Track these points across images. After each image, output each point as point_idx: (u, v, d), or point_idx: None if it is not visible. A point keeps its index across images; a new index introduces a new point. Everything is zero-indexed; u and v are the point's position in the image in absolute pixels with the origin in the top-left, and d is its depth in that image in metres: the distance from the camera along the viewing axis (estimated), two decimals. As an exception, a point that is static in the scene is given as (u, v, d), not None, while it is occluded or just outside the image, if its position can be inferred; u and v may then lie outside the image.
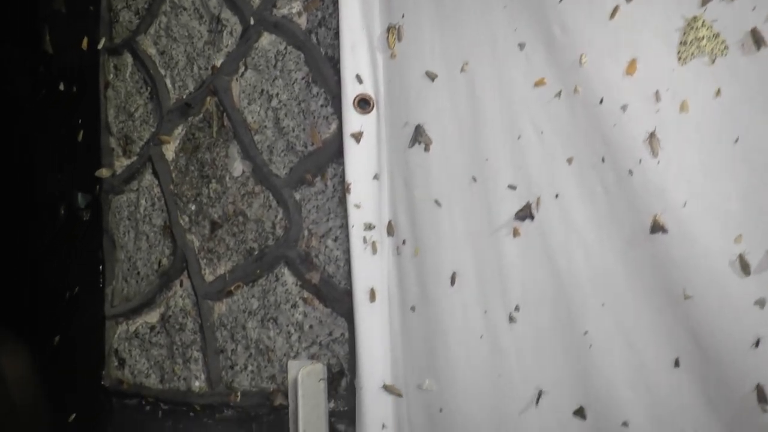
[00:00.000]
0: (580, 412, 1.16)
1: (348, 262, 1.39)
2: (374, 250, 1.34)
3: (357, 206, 1.34)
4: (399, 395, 1.32)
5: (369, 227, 1.35)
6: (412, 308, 1.30)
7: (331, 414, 1.42)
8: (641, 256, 1.11)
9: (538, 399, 1.19)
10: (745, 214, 1.03)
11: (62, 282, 1.83)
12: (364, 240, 1.34)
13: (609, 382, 1.14)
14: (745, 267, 1.03)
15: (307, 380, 1.36)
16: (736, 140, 1.05)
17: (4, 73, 1.97)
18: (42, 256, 1.88)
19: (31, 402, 1.69)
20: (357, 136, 1.36)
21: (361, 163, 1.35)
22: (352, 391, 1.39)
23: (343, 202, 1.40)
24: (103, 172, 1.78)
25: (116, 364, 1.74)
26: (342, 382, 1.41)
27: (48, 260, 1.87)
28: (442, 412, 1.27)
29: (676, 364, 1.09)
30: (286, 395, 1.44)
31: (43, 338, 1.83)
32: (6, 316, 1.88)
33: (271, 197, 1.52)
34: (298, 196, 1.48)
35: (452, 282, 1.26)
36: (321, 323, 1.45)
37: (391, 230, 1.34)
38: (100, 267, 1.77)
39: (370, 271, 1.33)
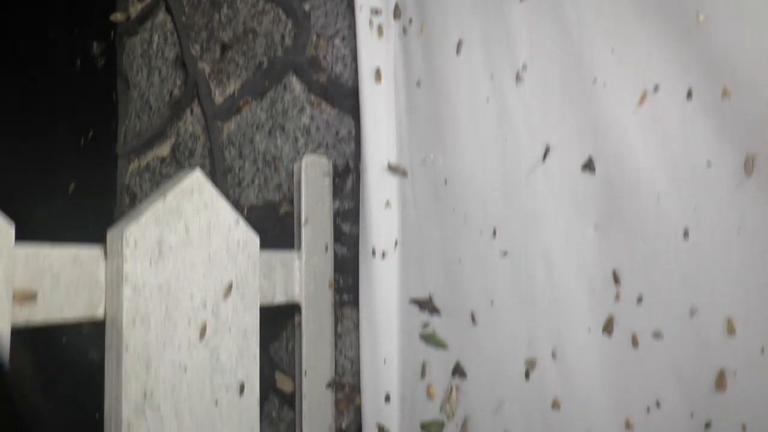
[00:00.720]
0: (589, 165, 1.12)
1: (355, 59, 1.36)
2: (380, 34, 1.31)
3: (363, -12, 1.32)
4: (404, 173, 1.28)
5: (375, 12, 1.32)
6: (418, 83, 1.27)
7: (336, 213, 1.39)
8: (652, -7, 1.07)
9: (545, 155, 1.15)
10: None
11: (78, 129, 1.83)
12: (370, 23, 1.31)
13: (619, 126, 1.08)
14: (761, -23, 0.98)
15: (310, 170, 1.33)
16: None
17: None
18: (58, 107, 1.89)
19: None
20: (365, -71, 1.34)
21: (368, -49, 1.34)
22: (357, 189, 1.36)
23: (351, 5, 1.38)
24: (118, 16, 1.79)
25: (128, 201, 1.74)
26: (348, 181, 1.38)
27: (64, 110, 1.87)
28: (447, 184, 1.23)
29: (689, 95, 1.04)
30: (291, 202, 1.42)
31: (60, 186, 1.84)
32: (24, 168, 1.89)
33: (281, 12, 1.51)
34: (307, 7, 1.47)
35: (458, 51, 1.23)
36: (328, 125, 1.42)
37: (397, 13, 1.31)
38: (115, 108, 1.77)
39: (375, 53, 1.31)
